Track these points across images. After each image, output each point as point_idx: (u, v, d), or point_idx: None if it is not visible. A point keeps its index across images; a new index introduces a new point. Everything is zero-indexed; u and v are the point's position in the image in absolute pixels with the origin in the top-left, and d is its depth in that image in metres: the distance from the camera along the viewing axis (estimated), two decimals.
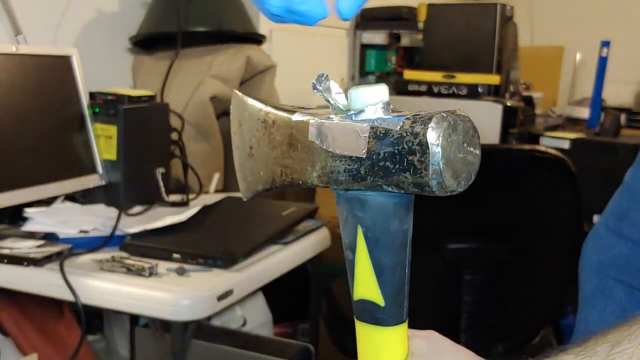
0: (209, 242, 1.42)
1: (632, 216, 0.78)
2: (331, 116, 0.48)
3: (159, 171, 1.66)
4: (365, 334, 0.52)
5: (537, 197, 1.58)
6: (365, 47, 3.22)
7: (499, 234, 1.56)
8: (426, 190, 0.43)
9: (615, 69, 3.66)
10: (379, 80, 3.26)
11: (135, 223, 1.47)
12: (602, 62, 3.24)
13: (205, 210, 1.58)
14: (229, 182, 2.07)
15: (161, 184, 1.66)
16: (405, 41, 3.18)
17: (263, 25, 2.51)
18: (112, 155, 1.60)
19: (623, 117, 3.36)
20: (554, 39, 4.83)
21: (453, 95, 2.70)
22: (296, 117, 0.50)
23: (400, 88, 2.82)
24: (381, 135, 0.44)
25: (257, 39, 2.15)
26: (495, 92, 2.77)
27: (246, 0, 2.18)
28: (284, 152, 0.50)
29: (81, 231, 1.42)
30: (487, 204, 1.52)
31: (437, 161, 0.42)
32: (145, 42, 2.10)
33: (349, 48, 3.22)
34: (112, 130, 1.59)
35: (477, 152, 0.45)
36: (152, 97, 1.69)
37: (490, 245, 1.56)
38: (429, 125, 0.43)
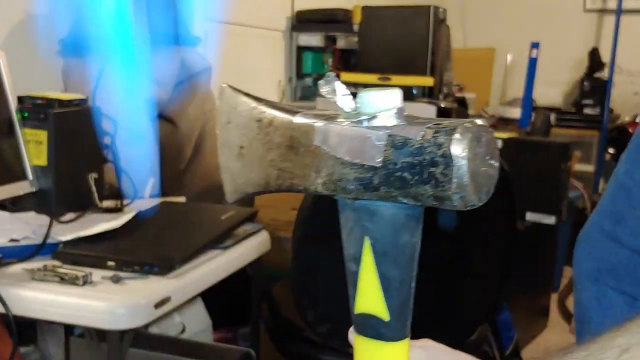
0: (144, 248, 1.39)
1: (630, 221, 0.74)
2: (340, 120, 0.45)
3: (92, 176, 1.63)
4: (366, 349, 0.50)
5: None
6: (301, 49, 3.23)
7: (435, 234, 1.59)
8: (446, 204, 0.42)
9: (545, 70, 3.77)
10: (316, 82, 3.27)
11: (68, 230, 1.43)
12: (532, 63, 3.34)
13: (140, 216, 1.55)
14: (164, 187, 2.04)
15: (94, 189, 1.62)
16: (341, 43, 3.21)
17: (198, 26, 2.49)
18: (42, 161, 1.55)
19: (553, 117, 3.47)
20: (486, 40, 4.95)
21: None
22: (298, 118, 0.47)
23: None
24: (399, 144, 0.42)
25: (191, 41, 2.13)
26: (429, 94, 2.82)
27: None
28: (282, 155, 0.48)
29: (11, 240, 1.37)
30: None
31: (462, 174, 0.40)
32: (76, 45, 2.05)
33: (286, 50, 3.22)
34: (42, 135, 1.55)
35: (497, 164, 0.44)
36: (83, 101, 1.65)
37: (426, 244, 1.58)
38: (454, 137, 0.41)
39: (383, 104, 0.44)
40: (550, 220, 2.57)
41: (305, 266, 1.55)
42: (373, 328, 0.49)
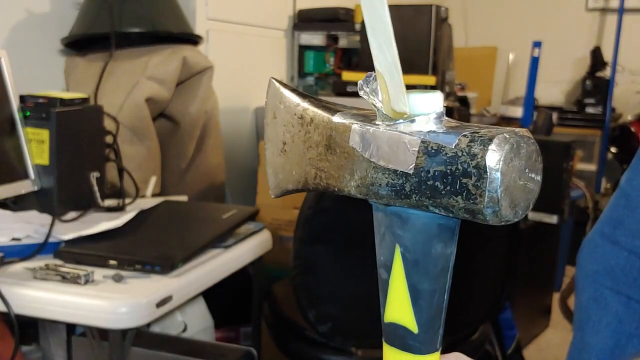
0: (146, 247, 1.39)
1: (628, 224, 0.76)
2: (377, 122, 0.43)
3: (94, 175, 1.63)
4: (393, 359, 0.48)
5: None
6: (303, 48, 3.23)
7: None
8: (479, 218, 0.39)
9: (547, 69, 3.76)
10: (317, 81, 3.27)
11: (70, 229, 1.43)
12: (534, 62, 3.33)
13: (142, 214, 1.55)
14: (166, 185, 2.04)
15: (96, 188, 1.62)
16: (343, 42, 3.20)
17: (199, 25, 2.49)
18: (44, 160, 1.56)
19: (555, 116, 3.47)
20: (488, 39, 4.94)
21: None
22: (337, 118, 0.46)
23: (338, 89, 2.84)
24: (433, 151, 0.40)
25: (193, 40, 2.13)
26: None
27: (181, 0, 2.16)
28: (320, 154, 0.46)
29: (13, 239, 1.37)
30: None
31: (495, 188, 0.38)
32: (78, 44, 2.05)
33: (287, 49, 3.22)
34: (44, 134, 1.55)
35: (539, 178, 0.41)
36: (85, 100, 1.65)
37: None
38: (490, 147, 0.38)
39: (422, 107, 0.42)
40: (552, 219, 2.57)
41: (306, 265, 1.55)
42: (401, 339, 0.47)
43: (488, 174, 0.38)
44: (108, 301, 1.19)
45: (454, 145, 0.39)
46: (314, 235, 1.48)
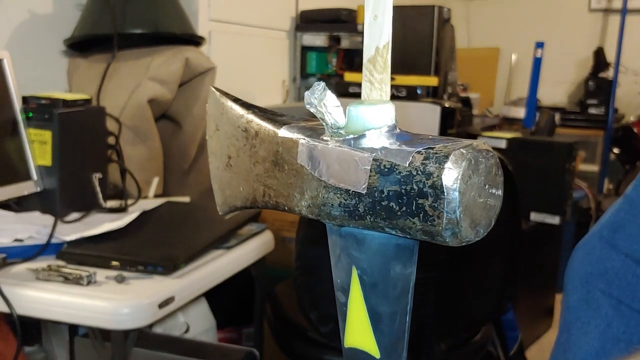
0: (148, 248, 1.39)
1: (628, 228, 0.75)
2: (325, 138, 0.41)
3: (96, 176, 1.63)
4: None
5: None
6: (305, 49, 3.23)
7: None
8: (437, 240, 0.37)
9: (549, 70, 3.76)
10: (320, 82, 3.27)
11: (72, 230, 1.43)
12: (537, 63, 3.33)
13: (145, 215, 1.55)
14: (168, 187, 2.04)
15: (98, 189, 1.62)
16: (345, 43, 3.20)
17: (202, 26, 2.49)
18: (47, 161, 1.56)
19: (557, 117, 3.46)
20: (490, 40, 4.94)
21: (393, 97, 2.72)
22: (283, 132, 0.43)
23: (341, 90, 2.84)
24: (386, 170, 0.38)
25: (195, 41, 2.13)
26: (433, 94, 2.82)
27: (184, 1, 2.16)
28: (267, 170, 0.44)
29: (16, 240, 1.37)
30: None
31: (454, 209, 0.36)
32: (81, 45, 2.05)
33: (290, 50, 3.22)
34: (47, 135, 1.55)
35: (499, 192, 0.39)
36: (87, 101, 1.66)
37: (431, 245, 1.58)
38: (446, 165, 0.36)
39: (373, 120, 0.39)
40: (555, 220, 2.57)
41: (308, 266, 1.55)
42: None
43: (445, 194, 0.36)
44: (110, 302, 1.19)
45: (407, 163, 0.37)
46: (316, 236, 1.48)
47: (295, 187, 0.42)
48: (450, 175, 0.36)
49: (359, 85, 0.42)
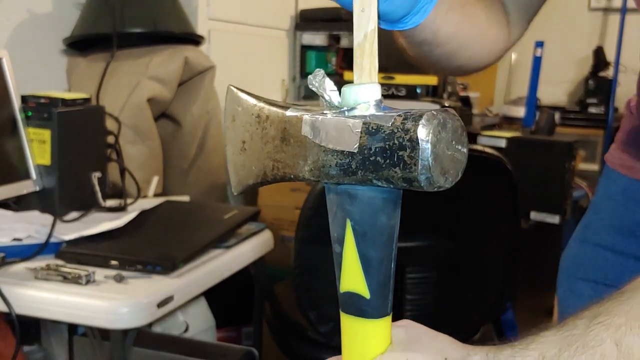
0: (147, 247, 1.39)
1: (594, 223, 0.88)
2: (325, 112, 0.49)
3: (95, 176, 1.63)
4: (350, 326, 0.53)
5: (475, 196, 1.60)
6: (305, 48, 3.23)
7: (440, 234, 1.59)
8: (415, 185, 0.45)
9: (549, 69, 3.76)
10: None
11: (71, 229, 1.43)
12: (537, 62, 3.33)
13: (144, 215, 1.55)
14: (168, 186, 2.04)
15: (97, 188, 1.62)
16: (345, 42, 3.20)
17: (201, 25, 2.49)
18: (46, 160, 1.56)
19: (557, 116, 3.46)
20: None
21: (392, 97, 2.73)
22: (290, 112, 0.51)
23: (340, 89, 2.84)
24: (373, 131, 0.46)
25: (195, 40, 2.13)
26: (433, 93, 2.82)
27: (183, 0, 2.16)
28: (276, 147, 0.51)
29: (14, 239, 1.37)
30: (427, 203, 1.54)
31: (427, 157, 0.44)
32: (80, 44, 2.05)
33: (289, 49, 3.22)
34: (46, 134, 1.55)
35: (465, 150, 0.47)
36: (87, 100, 1.65)
37: (432, 244, 1.58)
38: (420, 122, 0.44)
39: (363, 96, 0.48)
40: (554, 219, 2.56)
41: (307, 266, 1.55)
42: (356, 306, 0.52)
43: (420, 145, 0.44)
44: (109, 301, 1.19)
45: (390, 123, 0.45)
46: (315, 236, 1.48)
47: (299, 156, 0.50)
48: (424, 130, 0.44)
49: (359, 85, 0.49)
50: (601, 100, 4.28)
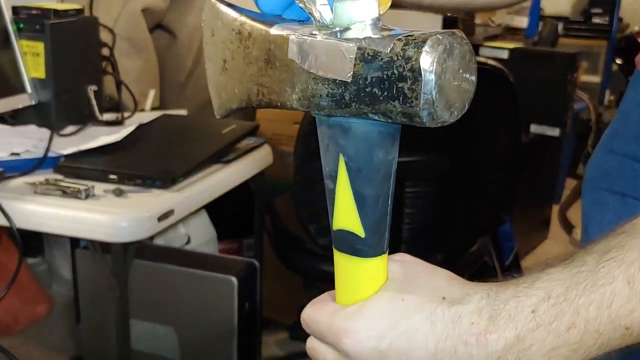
0: (146, 162, 1.39)
1: (622, 132, 0.82)
2: (314, 32, 0.44)
3: (91, 89, 1.60)
4: (344, 265, 0.50)
5: (475, 108, 1.58)
6: None
7: (439, 147, 1.58)
8: (416, 121, 0.41)
9: None
10: None
11: (69, 144, 1.42)
12: None
13: (142, 128, 1.54)
14: (165, 99, 2.02)
15: (94, 102, 1.60)
16: None
17: None
18: (40, 73, 1.53)
19: (560, 26, 3.38)
20: None
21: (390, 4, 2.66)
22: (274, 30, 0.45)
23: None
24: (369, 57, 0.41)
25: None
26: None
27: None
28: (260, 69, 0.46)
29: (12, 154, 1.36)
30: None
31: (430, 90, 0.39)
32: None
33: None
34: (39, 47, 1.52)
35: (473, 78, 0.42)
36: (80, 11, 1.61)
37: (431, 157, 1.58)
38: (423, 49, 0.39)
39: (358, 14, 0.42)
40: (555, 132, 2.55)
41: (306, 181, 1.55)
42: (350, 245, 0.49)
43: (422, 76, 0.39)
44: (109, 215, 1.20)
45: (389, 50, 0.40)
46: (314, 151, 1.47)
47: (286, 82, 0.45)
48: (427, 59, 0.39)
49: None
50: (606, 10, 4.18)
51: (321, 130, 0.47)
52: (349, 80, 0.42)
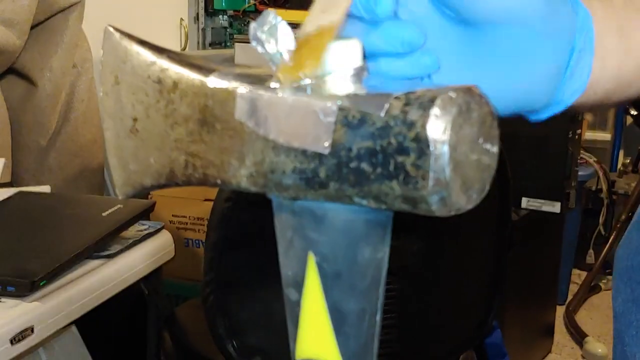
0: None
1: None
2: (274, 84, 0.43)
3: None
4: None
5: None
6: None
7: (404, 229, 1.60)
8: (421, 208, 0.40)
9: None
10: (232, 21, 3.25)
11: None
12: None
13: None
14: (19, 172, 2.00)
15: None
16: None
17: None
18: None
19: None
20: None
21: None
22: (214, 81, 0.45)
23: None
24: (355, 121, 0.40)
25: None
26: None
27: None
28: (191, 133, 0.46)
29: None
30: None
31: (442, 167, 0.38)
32: None
33: None
34: None
35: (495, 150, 0.42)
36: None
37: (396, 245, 1.59)
38: (431, 112, 0.38)
39: (337, 61, 0.42)
40: (554, 207, 2.62)
41: (224, 280, 1.55)
42: None
43: (432, 148, 0.38)
44: None
45: (383, 111, 0.39)
46: (235, 239, 1.47)
47: (231, 152, 0.44)
48: (438, 124, 0.38)
49: (292, 25, 0.43)
50: None
51: (281, 218, 0.46)
52: (326, 153, 0.41)
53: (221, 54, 3.09)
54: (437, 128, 0.38)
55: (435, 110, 0.38)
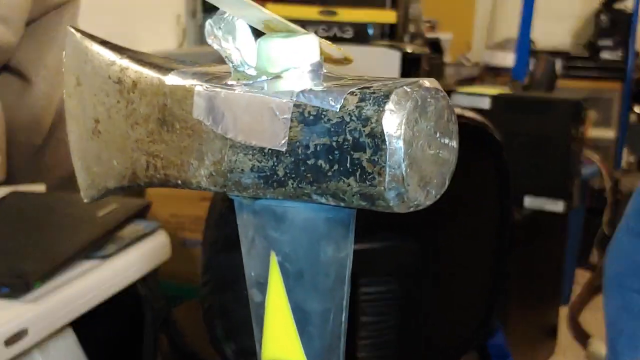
0: None
1: None
2: (231, 82, 0.43)
3: None
4: None
5: (452, 177, 1.63)
6: None
7: (404, 230, 1.60)
8: (379, 205, 0.40)
9: (547, 0, 3.82)
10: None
11: None
12: None
13: None
14: (13, 171, 2.01)
15: None
16: None
17: None
18: None
19: (559, 64, 3.52)
20: None
21: (334, 39, 2.74)
22: (172, 79, 0.45)
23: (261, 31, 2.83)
24: (311, 118, 0.40)
25: None
26: (390, 34, 2.83)
27: None
28: (151, 133, 0.46)
29: None
30: None
31: (398, 162, 0.39)
32: None
33: None
34: None
35: (454, 144, 0.42)
36: None
37: (393, 244, 1.60)
38: (386, 107, 0.39)
39: (292, 58, 0.42)
40: (558, 207, 2.62)
41: (222, 280, 1.55)
42: None
43: (387, 143, 0.39)
44: None
45: (338, 107, 0.40)
46: (233, 238, 1.47)
47: (191, 152, 0.45)
48: (393, 119, 0.39)
49: (293, 21, 0.43)
50: (617, 43, 4.37)
51: (243, 218, 0.47)
52: (283, 150, 0.41)
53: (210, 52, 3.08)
54: (392, 123, 0.39)
55: (390, 106, 0.39)
